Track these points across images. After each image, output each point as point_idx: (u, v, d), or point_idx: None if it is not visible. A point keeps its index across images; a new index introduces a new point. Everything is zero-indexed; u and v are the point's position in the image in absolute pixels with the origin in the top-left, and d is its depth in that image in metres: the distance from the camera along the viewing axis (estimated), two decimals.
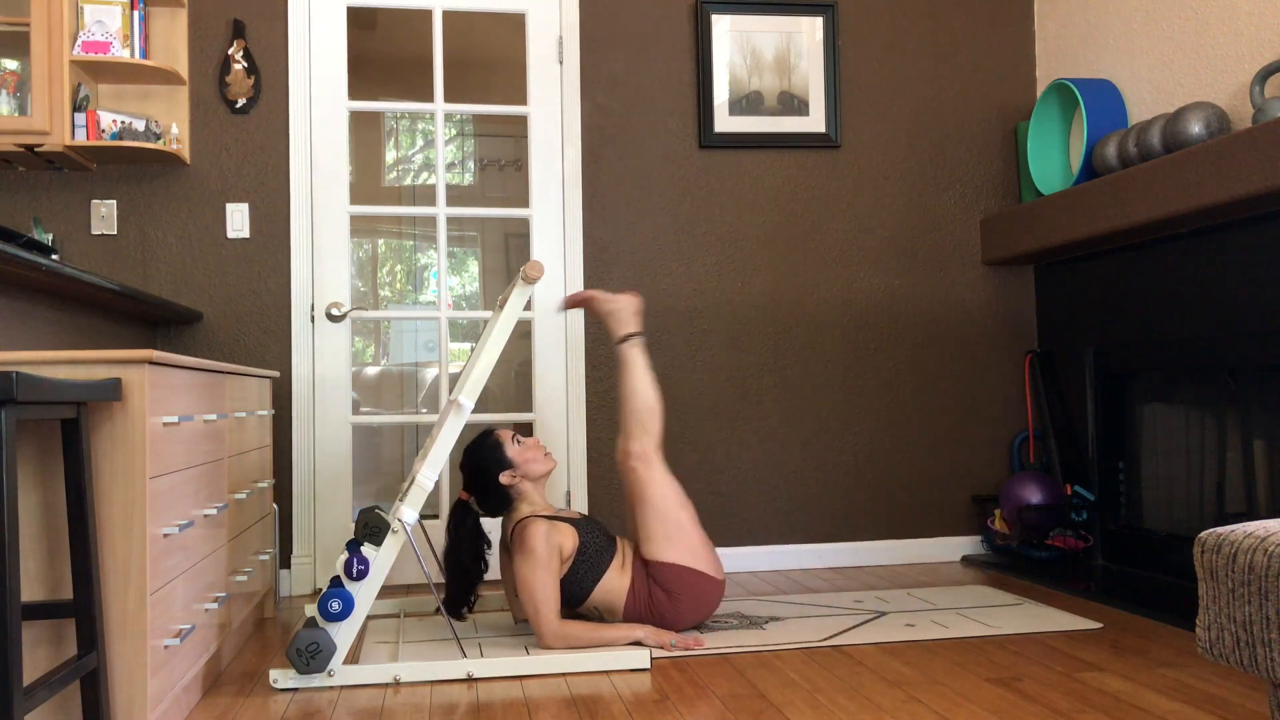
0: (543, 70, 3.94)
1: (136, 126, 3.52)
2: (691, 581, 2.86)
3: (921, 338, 4.12)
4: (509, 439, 2.95)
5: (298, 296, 3.74)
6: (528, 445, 2.96)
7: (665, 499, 2.91)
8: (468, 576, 2.90)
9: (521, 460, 2.92)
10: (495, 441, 2.94)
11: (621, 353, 3.04)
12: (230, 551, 2.78)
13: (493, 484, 2.91)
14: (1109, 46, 3.82)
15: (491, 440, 2.95)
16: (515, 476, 2.91)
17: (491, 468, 2.91)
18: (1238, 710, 2.20)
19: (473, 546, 2.90)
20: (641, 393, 2.99)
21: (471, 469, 2.94)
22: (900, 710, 2.25)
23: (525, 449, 2.94)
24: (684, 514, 2.92)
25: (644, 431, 2.97)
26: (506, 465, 2.91)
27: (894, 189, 4.13)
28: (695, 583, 2.87)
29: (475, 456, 2.94)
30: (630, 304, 3.09)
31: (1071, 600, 3.31)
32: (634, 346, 3.04)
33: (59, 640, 1.97)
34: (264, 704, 2.42)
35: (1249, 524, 1.59)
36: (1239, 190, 2.83)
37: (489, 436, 2.97)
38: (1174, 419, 3.52)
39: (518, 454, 2.93)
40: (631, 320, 3.08)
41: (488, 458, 2.92)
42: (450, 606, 2.93)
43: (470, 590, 2.91)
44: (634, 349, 3.04)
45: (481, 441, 2.96)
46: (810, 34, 4.07)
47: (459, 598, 2.92)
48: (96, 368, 1.98)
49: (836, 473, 4.04)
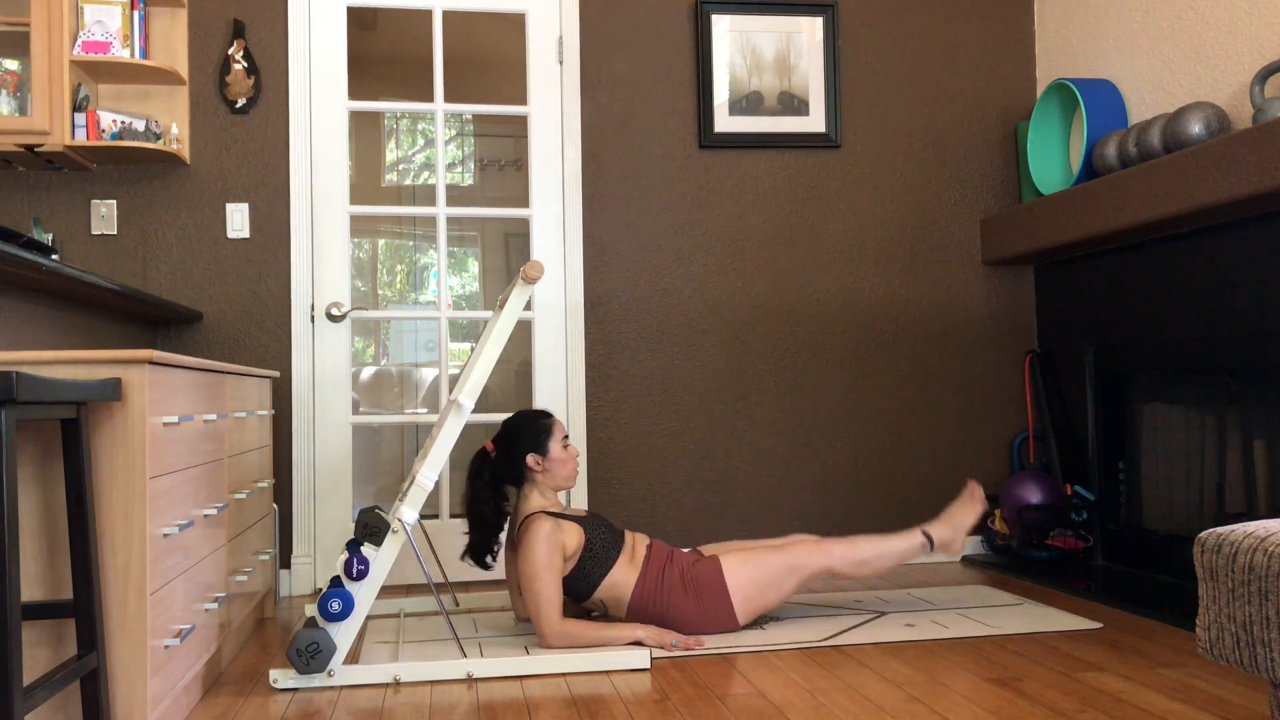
0: (543, 70, 3.94)
1: (136, 126, 3.52)
2: (720, 599, 2.88)
3: (921, 338, 4.12)
4: (560, 435, 2.98)
5: (298, 296, 3.74)
6: (570, 454, 2.98)
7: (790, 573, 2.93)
8: (487, 525, 2.92)
9: (556, 460, 2.95)
10: (548, 426, 2.97)
11: (913, 533, 3.07)
12: (230, 551, 2.78)
13: (518, 456, 2.93)
14: (1109, 46, 3.82)
15: (546, 423, 2.97)
16: (541, 467, 2.92)
17: (527, 443, 2.93)
18: (1238, 710, 2.20)
19: (491, 497, 2.93)
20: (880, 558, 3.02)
21: (512, 433, 2.96)
22: (900, 710, 2.25)
23: (567, 456, 2.97)
24: (773, 593, 2.94)
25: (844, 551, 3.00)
26: (542, 452, 2.93)
27: (894, 189, 4.13)
28: (721, 604, 2.89)
29: (522, 425, 2.97)
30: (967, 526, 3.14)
31: (1071, 600, 3.31)
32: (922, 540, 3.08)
33: (59, 640, 1.97)
34: (264, 704, 2.42)
35: (1249, 524, 1.59)
36: (1239, 190, 2.83)
37: (548, 418, 2.99)
38: (1174, 419, 3.52)
39: (558, 452, 2.95)
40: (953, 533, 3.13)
41: (531, 433, 2.94)
42: (474, 554, 2.95)
43: (492, 539, 2.94)
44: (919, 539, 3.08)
45: (537, 416, 2.99)
46: (810, 34, 4.07)
47: (481, 547, 2.95)
48: (96, 368, 1.98)
49: (836, 472, 4.04)
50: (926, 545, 3.06)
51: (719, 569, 2.89)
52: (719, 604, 2.88)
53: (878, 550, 3.01)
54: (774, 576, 2.92)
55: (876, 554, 3.01)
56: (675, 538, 3.94)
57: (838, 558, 2.97)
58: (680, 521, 3.94)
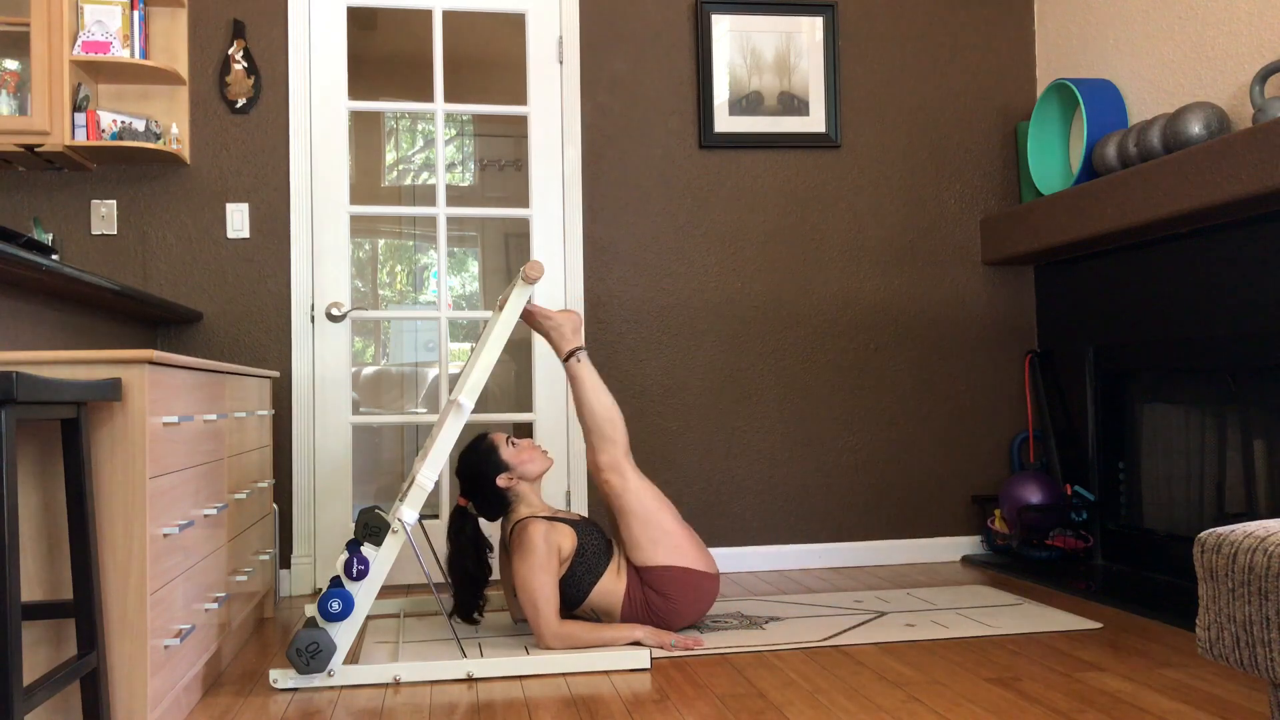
0: (543, 70, 3.94)
1: (136, 126, 3.52)
2: (683, 580, 2.86)
3: (921, 338, 4.12)
4: (503, 442, 2.95)
5: (298, 296, 3.74)
6: (522, 446, 2.95)
7: (644, 504, 2.90)
8: (474, 582, 2.89)
9: (517, 462, 2.92)
10: (490, 445, 2.94)
11: (568, 369, 3.02)
12: (230, 551, 2.78)
13: (490, 488, 2.91)
14: (1109, 46, 3.82)
15: (486, 444, 2.95)
16: (512, 479, 2.91)
17: (488, 471, 2.91)
18: (1238, 710, 2.20)
19: (475, 551, 2.90)
20: (597, 406, 2.97)
21: (468, 474, 2.94)
22: (900, 710, 2.25)
23: (520, 450, 2.94)
24: (665, 515, 2.91)
25: (608, 442, 2.96)
26: (503, 468, 2.91)
27: (894, 189, 4.13)
28: (687, 580, 2.86)
29: (471, 462, 2.94)
30: (568, 320, 3.04)
31: (1071, 600, 3.31)
32: (579, 362, 3.01)
33: (59, 640, 1.97)
34: (264, 704, 2.42)
35: (1249, 524, 1.59)
36: (1239, 190, 2.83)
37: (483, 441, 2.96)
38: (1174, 419, 3.52)
39: (513, 456, 2.93)
40: (571, 336, 3.04)
41: (484, 462, 2.92)
42: (461, 613, 2.92)
43: (478, 595, 2.91)
44: (579, 365, 3.01)
45: (476, 446, 2.96)
46: (810, 34, 4.07)
47: (468, 603, 2.91)
48: (96, 368, 1.98)
49: (836, 472, 4.04)
50: (576, 354, 3.02)
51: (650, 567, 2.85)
52: (685, 583, 2.85)
53: (593, 404, 2.96)
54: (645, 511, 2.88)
55: (595, 406, 2.96)
56: None
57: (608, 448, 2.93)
58: None
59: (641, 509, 2.89)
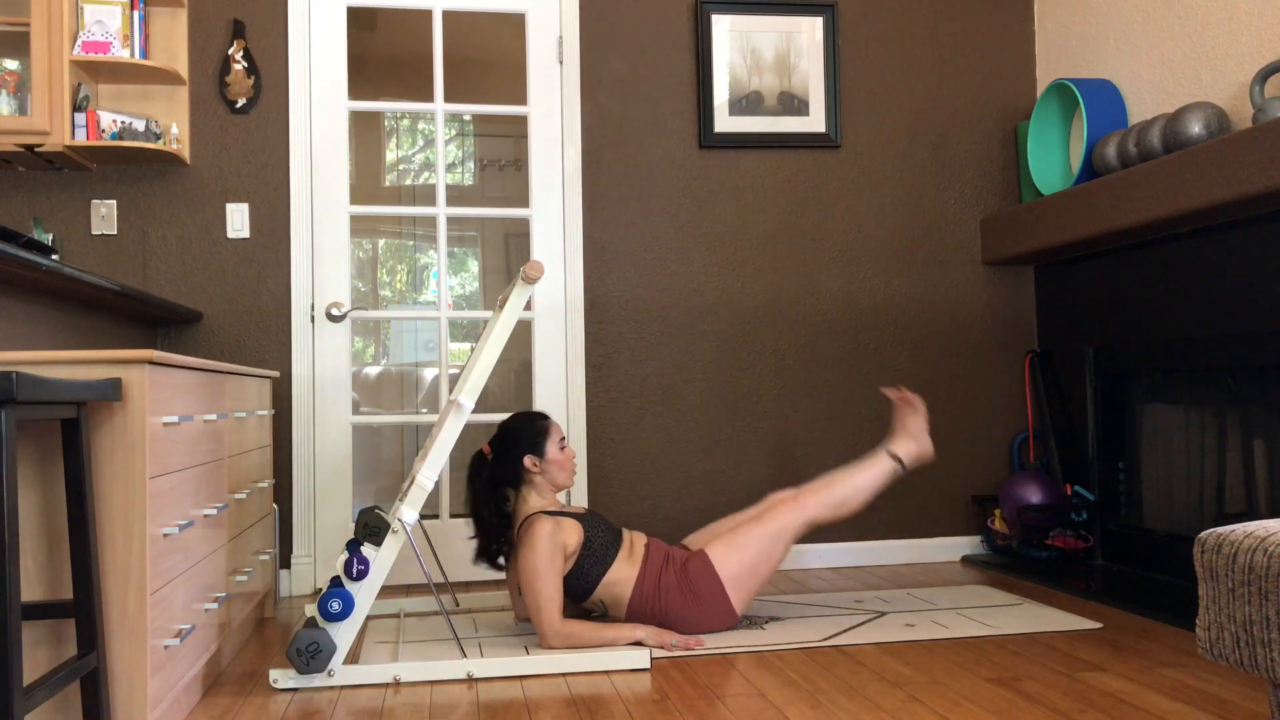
0: (543, 70, 3.94)
1: (136, 126, 3.52)
2: (718, 600, 2.89)
3: (921, 338, 4.12)
4: (557, 437, 2.98)
5: (298, 296, 3.74)
6: (567, 455, 2.98)
7: (777, 541, 2.93)
8: (490, 528, 2.93)
9: (553, 462, 2.95)
10: (543, 428, 2.97)
11: (879, 458, 3.06)
12: (230, 551, 2.78)
13: (515, 458, 2.93)
14: (1109, 46, 3.82)
15: (541, 425, 2.98)
16: (538, 469, 2.93)
17: (524, 445, 2.94)
18: (1238, 710, 2.20)
19: (490, 499, 2.93)
20: (857, 494, 3.02)
21: (509, 435, 2.97)
22: (900, 710, 2.25)
23: (564, 457, 2.97)
24: (766, 568, 2.94)
25: (820, 499, 3.00)
26: (539, 454, 2.93)
27: (894, 189, 4.13)
28: (720, 603, 2.89)
29: (518, 427, 2.98)
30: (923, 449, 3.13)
31: (1071, 600, 3.31)
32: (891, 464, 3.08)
33: (59, 640, 1.97)
34: (264, 704, 2.42)
35: (1249, 524, 1.59)
36: (1239, 190, 2.83)
37: (545, 420, 3.00)
38: (1174, 419, 3.52)
39: (554, 454, 2.95)
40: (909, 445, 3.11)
41: (528, 436, 2.95)
42: (485, 557, 2.97)
43: (496, 541, 2.95)
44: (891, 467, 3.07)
45: (532, 420, 3.00)
46: (810, 34, 4.07)
47: (487, 549, 2.96)
48: (96, 368, 1.98)
49: None
50: (898, 466, 3.06)
51: (709, 563, 2.89)
52: (717, 601, 2.88)
53: (852, 487, 3.01)
54: (762, 551, 2.92)
55: (852, 491, 3.01)
56: (675, 538, 3.94)
57: (815, 507, 2.98)
58: (680, 521, 3.94)
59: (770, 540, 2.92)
